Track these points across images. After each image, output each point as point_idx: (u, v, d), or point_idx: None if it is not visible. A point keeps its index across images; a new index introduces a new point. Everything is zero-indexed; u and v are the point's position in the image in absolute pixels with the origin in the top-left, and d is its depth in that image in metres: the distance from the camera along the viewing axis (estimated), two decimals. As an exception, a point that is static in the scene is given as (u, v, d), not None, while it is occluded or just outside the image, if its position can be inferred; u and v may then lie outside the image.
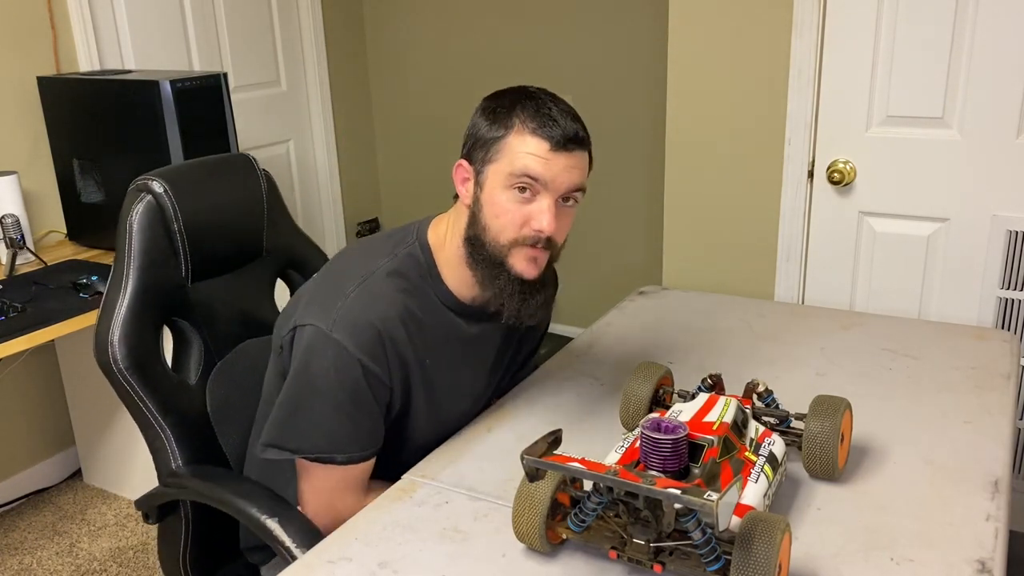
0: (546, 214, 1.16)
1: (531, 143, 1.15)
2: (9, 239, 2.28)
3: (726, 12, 2.14)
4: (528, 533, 1.02)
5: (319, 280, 1.28)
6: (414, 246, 1.28)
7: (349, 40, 3.69)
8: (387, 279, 1.23)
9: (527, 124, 1.16)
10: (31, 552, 2.38)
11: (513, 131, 1.16)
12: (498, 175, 1.17)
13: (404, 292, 1.23)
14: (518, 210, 1.17)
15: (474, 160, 1.21)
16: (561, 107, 1.18)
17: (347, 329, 1.17)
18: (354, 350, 1.17)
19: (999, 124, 1.94)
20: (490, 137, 1.18)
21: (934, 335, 1.66)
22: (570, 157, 1.17)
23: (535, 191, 1.16)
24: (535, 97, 1.19)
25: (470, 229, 1.22)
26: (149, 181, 1.37)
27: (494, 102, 1.20)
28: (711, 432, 1.04)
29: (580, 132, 1.18)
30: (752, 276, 2.30)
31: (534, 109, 1.16)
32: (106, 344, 1.31)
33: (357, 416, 1.20)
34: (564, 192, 1.18)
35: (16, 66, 2.47)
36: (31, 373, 2.63)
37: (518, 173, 1.15)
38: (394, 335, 1.20)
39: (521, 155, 1.15)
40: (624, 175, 3.33)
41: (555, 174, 1.15)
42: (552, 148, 1.15)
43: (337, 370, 1.17)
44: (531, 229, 1.18)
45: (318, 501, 1.25)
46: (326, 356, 1.17)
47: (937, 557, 1.02)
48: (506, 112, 1.18)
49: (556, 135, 1.15)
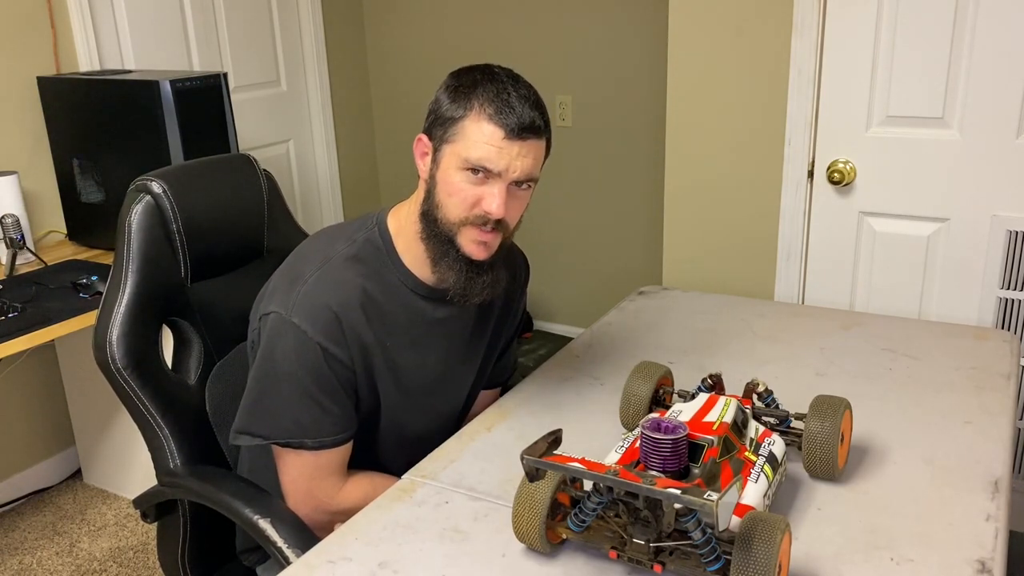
0: (496, 198, 1.17)
1: (487, 129, 1.15)
2: (9, 239, 2.28)
3: (726, 12, 2.14)
4: (528, 533, 1.02)
5: (281, 270, 1.29)
6: (373, 231, 1.29)
7: (349, 40, 3.69)
8: (344, 263, 1.25)
9: (485, 108, 1.16)
10: (31, 552, 2.37)
11: (471, 114, 1.16)
12: (453, 156, 1.18)
13: (362, 276, 1.25)
14: (470, 190, 1.18)
15: (433, 136, 1.21)
16: (521, 92, 1.18)
17: (305, 313, 1.19)
18: (313, 334, 1.19)
19: (999, 124, 1.94)
20: (449, 116, 1.18)
21: (934, 335, 1.66)
22: (524, 145, 1.17)
23: (488, 175, 1.17)
24: (497, 79, 1.18)
25: (425, 204, 1.23)
26: (148, 181, 1.37)
27: (457, 79, 1.20)
28: (711, 432, 1.04)
29: (537, 120, 1.18)
30: (752, 276, 2.30)
31: (494, 92, 1.16)
32: (105, 344, 1.31)
33: (323, 400, 1.21)
34: (516, 179, 1.18)
35: (16, 66, 2.47)
36: (31, 373, 2.63)
37: (472, 161, 1.16)
38: (352, 318, 1.22)
39: (476, 142, 1.16)
40: (624, 175, 3.33)
41: (508, 162, 1.16)
42: (507, 136, 1.15)
43: (298, 354, 1.19)
44: (481, 210, 1.19)
45: (296, 489, 1.26)
46: (287, 341, 1.19)
47: (937, 557, 1.02)
48: (466, 92, 1.17)
49: (512, 123, 1.15)
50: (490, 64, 1.22)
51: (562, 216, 3.49)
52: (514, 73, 1.21)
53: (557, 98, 3.35)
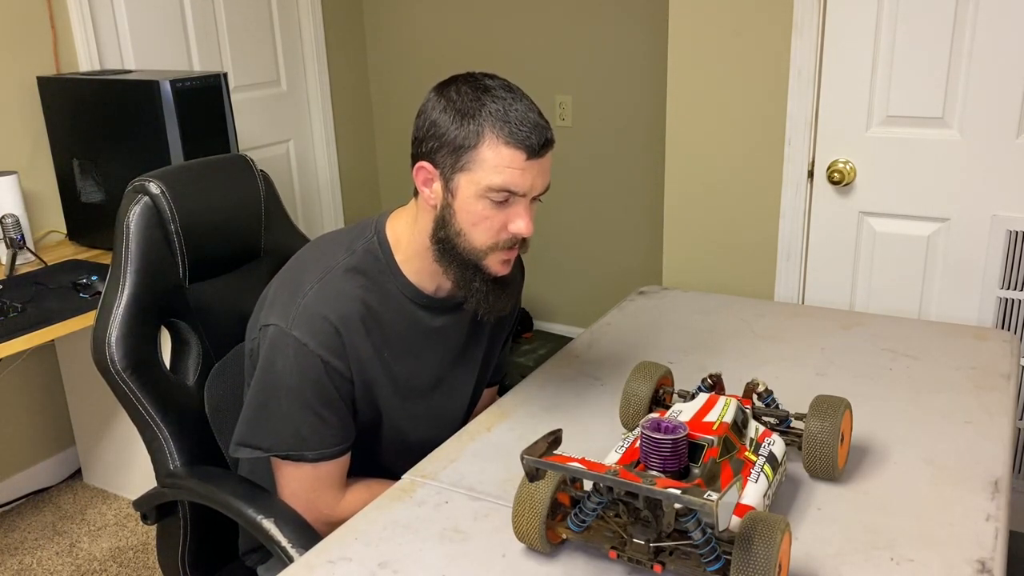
0: (524, 218, 1.17)
1: (506, 155, 1.13)
2: (9, 239, 2.28)
3: (726, 12, 2.14)
4: (528, 533, 1.02)
5: (280, 279, 1.28)
6: (372, 241, 1.28)
7: (349, 40, 3.69)
8: (344, 275, 1.24)
9: (499, 134, 1.13)
10: (31, 552, 2.37)
11: (485, 142, 1.13)
12: (473, 185, 1.15)
13: (362, 288, 1.24)
14: (495, 217, 1.17)
15: (439, 164, 1.17)
16: (525, 104, 1.16)
17: (305, 325, 1.19)
18: (314, 346, 1.18)
19: (999, 124, 1.94)
20: (459, 145, 1.14)
21: (934, 335, 1.66)
22: (543, 161, 1.17)
23: (511, 196, 1.16)
24: (495, 95, 1.14)
25: (441, 231, 1.20)
26: (146, 182, 1.37)
27: (452, 99, 1.15)
28: (711, 432, 1.04)
29: (548, 133, 1.17)
30: (752, 276, 2.30)
31: (501, 112, 1.13)
32: (103, 345, 1.31)
33: (323, 412, 1.21)
34: (538, 193, 1.19)
35: (16, 66, 2.47)
36: (31, 373, 2.63)
37: (497, 187, 1.14)
38: (352, 331, 1.21)
39: (497, 168, 1.13)
40: (624, 175, 3.33)
41: (532, 181, 1.16)
42: (528, 157, 1.14)
43: (299, 367, 1.19)
44: (509, 233, 1.18)
45: (296, 501, 1.25)
46: (287, 354, 1.19)
47: (937, 557, 1.02)
48: (472, 115, 1.13)
49: (532, 144, 1.13)
50: (473, 74, 1.18)
51: (562, 216, 3.49)
52: (506, 82, 1.18)
53: (557, 98, 3.35)
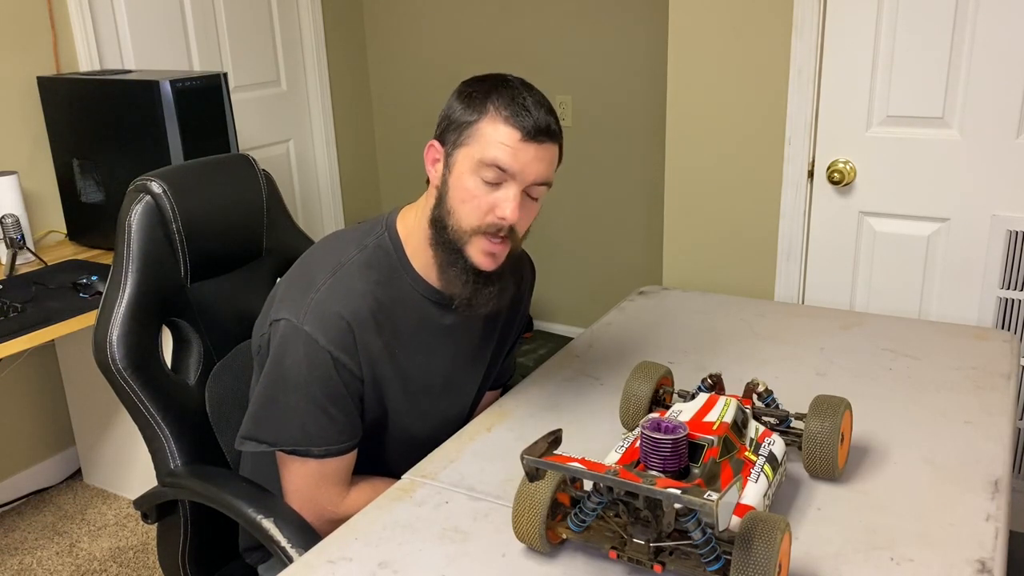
0: (511, 202, 1.17)
1: (502, 131, 1.16)
2: (9, 239, 2.28)
3: (726, 12, 2.14)
4: (528, 533, 1.02)
5: (292, 275, 1.29)
6: (383, 236, 1.28)
7: (349, 40, 3.69)
8: (357, 271, 1.24)
9: (500, 112, 1.16)
10: (31, 552, 2.38)
11: (486, 117, 1.17)
12: (467, 160, 1.18)
13: (374, 283, 1.24)
14: (484, 197, 1.18)
15: (446, 142, 1.22)
16: (536, 97, 1.19)
17: (317, 321, 1.19)
18: (324, 343, 1.18)
19: (999, 124, 1.94)
20: (463, 121, 1.19)
21: (934, 335, 1.66)
22: (540, 148, 1.18)
23: (502, 179, 1.17)
24: (511, 86, 1.20)
25: (436, 210, 1.22)
26: (148, 182, 1.37)
27: (471, 87, 1.21)
28: (711, 432, 1.04)
29: (552, 125, 1.19)
30: (752, 276, 2.30)
31: (509, 97, 1.17)
32: (105, 344, 1.31)
33: (331, 409, 1.21)
34: (531, 183, 1.19)
35: (16, 66, 2.47)
36: (31, 373, 2.63)
37: (487, 162, 1.16)
38: (363, 327, 1.21)
39: (492, 143, 1.16)
40: (624, 175, 3.33)
41: (523, 164, 1.17)
42: (523, 138, 1.16)
43: (309, 362, 1.18)
44: (495, 217, 1.19)
45: (300, 497, 1.25)
46: (298, 349, 1.19)
47: (937, 557, 1.02)
48: (481, 98, 1.18)
49: (528, 125, 1.16)
50: (502, 73, 1.24)
51: (562, 216, 3.49)
52: (527, 82, 1.22)
53: (557, 98, 3.35)
